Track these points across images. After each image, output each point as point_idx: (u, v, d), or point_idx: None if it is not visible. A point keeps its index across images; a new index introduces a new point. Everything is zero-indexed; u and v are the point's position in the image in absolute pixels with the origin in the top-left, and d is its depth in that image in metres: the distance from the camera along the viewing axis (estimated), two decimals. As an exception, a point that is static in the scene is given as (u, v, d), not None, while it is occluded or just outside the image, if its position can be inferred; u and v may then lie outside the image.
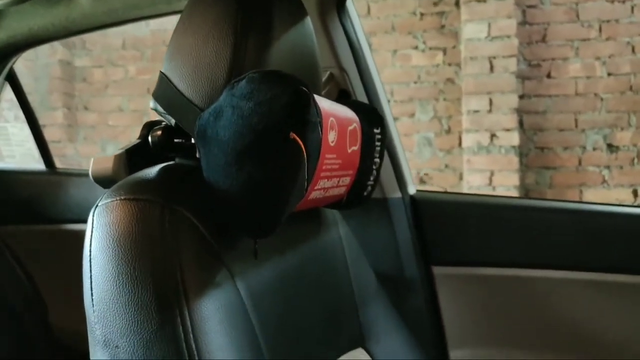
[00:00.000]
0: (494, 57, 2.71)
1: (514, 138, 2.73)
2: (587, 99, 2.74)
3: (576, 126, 2.76)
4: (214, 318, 0.42)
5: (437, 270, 0.91)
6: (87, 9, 0.90)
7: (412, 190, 0.95)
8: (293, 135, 0.43)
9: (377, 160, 0.67)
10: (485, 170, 2.79)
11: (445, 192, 2.63)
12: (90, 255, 0.43)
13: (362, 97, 0.86)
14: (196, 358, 0.40)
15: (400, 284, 0.88)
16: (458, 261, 0.91)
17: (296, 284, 0.58)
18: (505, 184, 2.79)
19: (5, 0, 0.86)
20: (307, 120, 0.44)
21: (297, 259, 0.60)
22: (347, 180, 0.61)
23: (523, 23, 2.77)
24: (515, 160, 2.75)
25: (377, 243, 0.88)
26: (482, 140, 2.78)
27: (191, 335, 0.40)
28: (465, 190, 2.86)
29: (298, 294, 0.58)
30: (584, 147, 2.76)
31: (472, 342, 0.90)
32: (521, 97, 2.78)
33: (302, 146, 0.44)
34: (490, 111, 2.76)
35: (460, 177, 2.97)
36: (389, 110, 0.91)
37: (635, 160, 2.71)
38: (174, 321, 0.40)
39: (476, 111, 2.77)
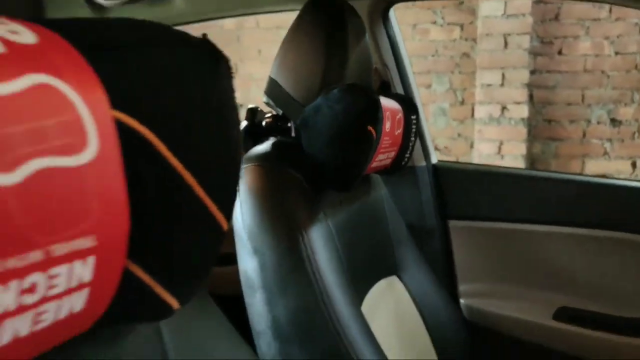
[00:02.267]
0: (509, 34, 2.89)
1: (524, 111, 2.94)
2: (595, 75, 2.93)
3: (583, 101, 2.96)
4: (319, 241, 0.69)
5: (452, 223, 1.17)
6: (181, 8, 1.13)
7: (434, 159, 1.20)
8: (369, 128, 0.68)
9: (412, 139, 0.92)
10: (495, 140, 3.01)
11: (461, 162, 2.87)
12: (239, 202, 0.69)
13: (398, 86, 1.10)
14: (312, 266, 0.66)
15: (423, 232, 1.14)
16: (469, 216, 1.17)
17: (356, 225, 0.84)
18: (513, 153, 3.01)
19: (116, 1, 1.10)
20: (377, 118, 0.69)
21: (356, 208, 0.86)
22: (392, 154, 0.86)
23: (538, 1, 2.92)
24: (523, 131, 2.96)
25: (406, 200, 1.13)
26: (493, 112, 2.99)
27: (308, 250, 0.67)
28: (475, 158, 3.09)
29: (357, 232, 0.84)
30: (588, 121, 2.96)
31: (477, 278, 1.16)
32: (532, 72, 2.96)
33: (374, 134, 0.69)
34: (502, 85, 2.95)
35: (471, 146, 3.19)
36: (419, 97, 1.15)
37: (636, 135, 2.91)
38: (297, 240, 0.66)
39: (489, 85, 2.97)
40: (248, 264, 0.68)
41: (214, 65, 0.25)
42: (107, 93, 0.19)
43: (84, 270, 0.19)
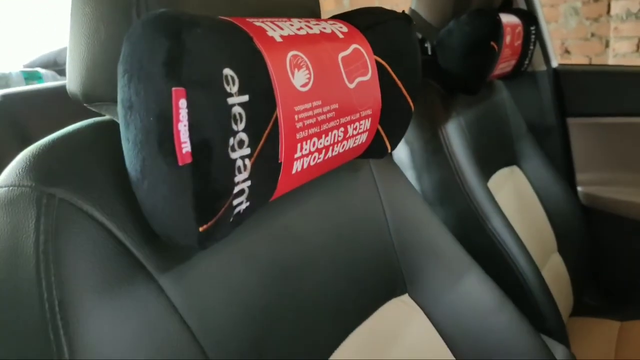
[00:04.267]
0: None
1: (668, 2, 2.73)
2: None
3: None
4: (453, 132, 0.93)
5: (570, 120, 1.32)
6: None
7: (554, 64, 1.33)
8: (492, 43, 0.88)
9: (531, 47, 1.08)
10: (633, 37, 2.86)
11: (580, 64, 2.82)
12: None
13: (521, 0, 1.23)
14: (449, 150, 0.90)
15: (543, 129, 1.31)
16: (587, 113, 1.31)
17: (482, 121, 1.05)
18: (655, 50, 2.85)
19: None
20: (499, 35, 0.89)
21: (482, 108, 1.07)
22: (513, 62, 1.04)
23: None
24: (667, 25, 2.77)
25: (528, 102, 1.30)
26: (631, 6, 2.82)
27: (445, 139, 0.91)
28: (610, 58, 2.97)
29: (482, 127, 1.06)
30: None
31: (594, 168, 1.32)
32: (680, -42, 2.71)
33: (496, 48, 0.89)
34: (643, -25, 2.75)
35: (607, 45, 3.06)
36: (540, 8, 1.27)
37: None
38: (437, 131, 0.91)
39: (628, -23, 2.78)
40: (401, 152, 0.94)
41: (409, 26, 0.50)
42: (372, 48, 0.45)
43: (367, 123, 0.46)
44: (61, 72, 1.53)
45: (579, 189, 1.33)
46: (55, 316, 0.30)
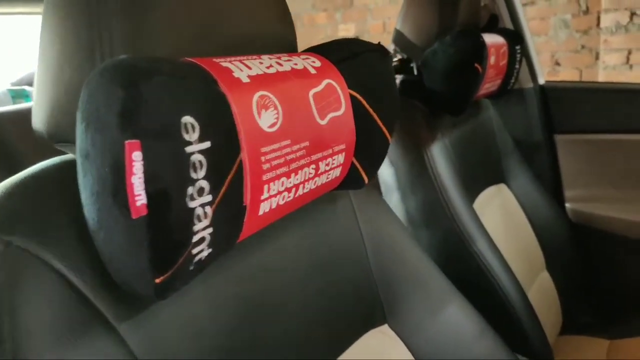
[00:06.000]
0: None
1: (656, 15, 2.76)
2: None
3: None
4: (438, 153, 0.92)
5: (558, 137, 1.32)
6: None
7: (541, 80, 1.33)
8: (476, 65, 0.88)
9: (517, 66, 1.09)
10: (623, 50, 2.89)
11: (567, 81, 2.84)
12: None
13: (507, 18, 1.24)
14: (433, 171, 0.90)
15: (531, 146, 1.31)
16: (574, 130, 1.31)
17: (468, 141, 1.05)
18: (644, 62, 2.87)
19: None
20: (482, 56, 0.88)
21: (468, 128, 1.06)
22: (498, 82, 1.04)
23: None
24: (655, 37, 2.80)
25: (515, 119, 1.30)
26: (621, 19, 2.85)
27: (430, 160, 0.90)
28: (600, 70, 2.99)
29: (468, 147, 1.06)
30: None
31: (582, 184, 1.32)
32: (667, -29, 2.74)
33: (480, 70, 0.89)
34: (632, -11, 2.78)
35: (597, 57, 3.08)
36: (526, 27, 1.28)
37: None
38: (421, 152, 0.90)
39: (617, -10, 2.81)
40: (386, 173, 0.94)
41: (384, 57, 0.49)
42: (346, 82, 0.44)
43: (340, 158, 0.45)
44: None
45: (567, 205, 1.33)
46: None
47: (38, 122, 0.39)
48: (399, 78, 1.02)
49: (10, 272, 0.31)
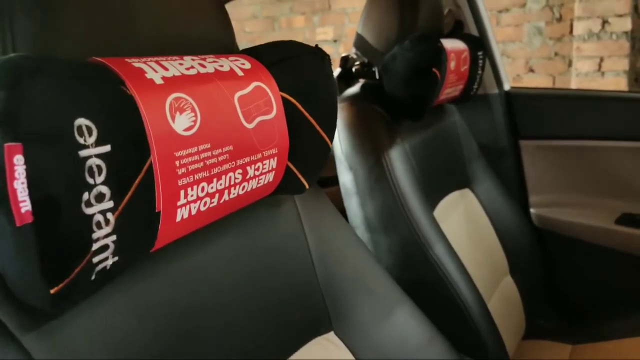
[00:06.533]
0: (610, -58, 2.73)
1: (627, 23, 2.81)
2: None
3: (696, 8, 2.75)
4: (397, 159, 0.92)
5: (523, 143, 1.33)
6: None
7: (507, 87, 1.34)
8: (434, 69, 0.87)
9: (480, 72, 1.09)
10: (595, 57, 2.93)
11: (532, 88, 2.88)
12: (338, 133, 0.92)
13: (472, 24, 1.24)
14: (392, 176, 0.89)
15: (495, 152, 1.31)
16: (539, 136, 1.32)
17: (429, 146, 1.05)
18: (615, 69, 2.92)
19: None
20: (441, 61, 0.88)
21: (430, 133, 1.06)
22: (460, 87, 1.04)
23: None
24: (626, 45, 2.85)
25: (480, 125, 1.31)
26: (593, 27, 2.90)
27: (388, 165, 0.90)
28: (573, 77, 3.04)
29: (430, 152, 1.05)
30: (702, 30, 2.76)
31: (547, 190, 1.33)
32: (637, -19, 2.79)
33: (439, 75, 0.88)
34: (603, -2, 2.83)
35: (569, 64, 3.13)
36: (491, 31, 1.28)
37: None
38: (380, 158, 0.89)
39: (589, -2, 2.86)
40: (345, 178, 0.93)
41: (323, 61, 0.48)
42: (277, 84, 0.43)
43: (272, 162, 0.44)
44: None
45: (532, 210, 1.34)
46: None
47: None
48: (360, 82, 1.02)
49: None
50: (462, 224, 1.11)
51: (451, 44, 0.97)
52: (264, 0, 3.72)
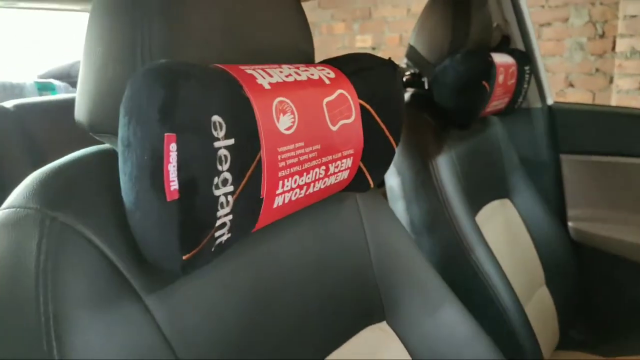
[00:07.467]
0: (658, -40, 2.71)
1: (671, 42, 2.78)
2: None
3: None
4: (443, 165, 0.96)
5: (564, 157, 1.36)
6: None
7: (550, 101, 1.37)
8: (484, 82, 0.92)
9: (525, 86, 1.12)
10: (636, 75, 2.91)
11: (575, 103, 2.87)
12: None
13: (518, 38, 1.28)
14: (437, 182, 0.94)
15: (536, 164, 1.34)
16: (580, 151, 1.34)
17: (474, 155, 1.09)
18: (657, 88, 2.89)
19: None
20: (491, 74, 0.93)
21: (475, 143, 1.10)
22: (506, 100, 1.08)
23: None
24: (670, 64, 2.82)
25: (522, 137, 1.34)
26: (636, 44, 2.87)
27: (435, 171, 0.94)
28: (614, 94, 3.01)
29: (474, 161, 1.09)
30: None
31: (586, 204, 1.35)
32: (685, -1, 2.76)
33: (488, 88, 0.93)
34: (648, 15, 2.81)
35: (610, 81, 3.10)
36: (538, 48, 1.31)
37: None
38: (427, 163, 0.94)
39: (633, 16, 2.84)
40: (393, 181, 0.98)
41: (393, 72, 0.54)
42: (357, 93, 0.49)
43: (349, 162, 0.50)
44: (74, 84, 1.58)
45: (570, 224, 1.36)
46: (50, 328, 0.34)
47: (80, 113, 0.44)
48: (410, 92, 1.07)
49: (54, 244, 0.36)
50: (501, 233, 1.14)
51: (500, 58, 1.01)
52: (306, 6, 3.79)
